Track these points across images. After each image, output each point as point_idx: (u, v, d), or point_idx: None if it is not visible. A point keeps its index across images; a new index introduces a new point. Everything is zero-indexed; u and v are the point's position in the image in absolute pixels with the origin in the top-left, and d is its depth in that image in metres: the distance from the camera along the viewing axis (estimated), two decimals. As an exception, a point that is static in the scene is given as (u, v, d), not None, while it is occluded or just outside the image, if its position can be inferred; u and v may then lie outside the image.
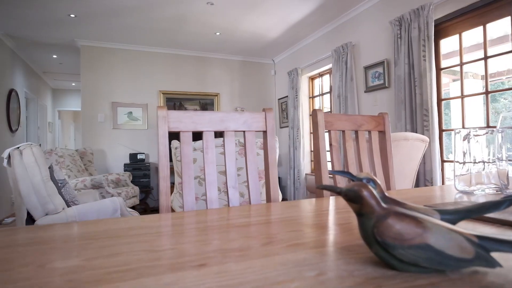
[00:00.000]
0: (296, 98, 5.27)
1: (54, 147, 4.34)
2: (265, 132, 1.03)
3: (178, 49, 5.52)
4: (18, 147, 2.41)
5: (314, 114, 1.11)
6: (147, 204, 5.02)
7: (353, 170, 1.17)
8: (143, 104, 5.31)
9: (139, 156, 5.05)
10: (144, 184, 4.97)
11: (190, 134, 0.93)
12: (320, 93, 5.21)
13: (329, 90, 4.94)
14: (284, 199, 5.79)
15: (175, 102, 5.53)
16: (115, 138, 5.14)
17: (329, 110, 4.94)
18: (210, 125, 0.96)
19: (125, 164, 4.92)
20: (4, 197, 4.70)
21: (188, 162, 0.92)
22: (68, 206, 2.57)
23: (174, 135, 5.23)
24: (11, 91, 4.93)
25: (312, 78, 5.40)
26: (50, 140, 7.72)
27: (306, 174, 5.23)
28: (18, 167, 2.29)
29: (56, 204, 2.39)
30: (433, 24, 2.96)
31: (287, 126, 5.81)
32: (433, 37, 2.95)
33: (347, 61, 4.10)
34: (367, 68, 3.87)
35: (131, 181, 4.85)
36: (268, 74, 6.29)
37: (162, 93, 5.44)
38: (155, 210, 5.28)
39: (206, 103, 5.73)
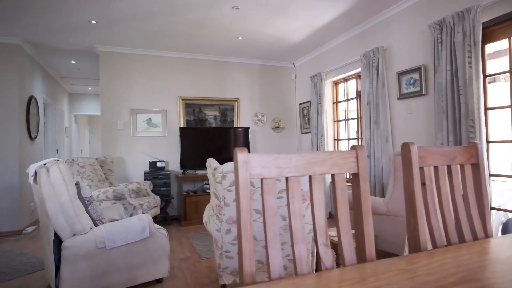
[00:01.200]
0: (320, 103, 5.08)
1: (75, 157, 4.25)
2: (356, 174, 0.86)
3: (197, 54, 5.38)
4: (44, 164, 2.29)
5: (405, 149, 0.94)
6: (167, 213, 4.90)
7: (448, 212, 1.00)
8: (162, 110, 5.20)
9: (158, 164, 4.93)
10: (164, 193, 4.85)
11: (275, 182, 0.77)
12: (345, 98, 5.01)
13: (355, 96, 4.74)
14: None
15: (194, 108, 5.40)
16: (135, 146, 5.03)
17: (355, 116, 4.74)
18: (295, 170, 0.80)
19: (145, 173, 4.81)
20: (24, 206, 4.63)
21: (273, 215, 0.76)
22: (96, 225, 2.44)
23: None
24: (30, 98, 4.87)
25: (336, 83, 5.21)
26: (67, 145, 7.69)
27: (330, 182, 5.04)
28: (45, 186, 2.16)
29: (84, 224, 2.27)
30: (480, 28, 2.74)
31: (309, 132, 5.62)
32: (480, 42, 2.73)
33: (378, 66, 3.90)
34: (400, 74, 3.66)
35: (151, 190, 4.73)
36: (288, 78, 6.11)
37: (182, 99, 5.31)
38: (175, 219, 5.16)
39: (226, 109, 5.59)
